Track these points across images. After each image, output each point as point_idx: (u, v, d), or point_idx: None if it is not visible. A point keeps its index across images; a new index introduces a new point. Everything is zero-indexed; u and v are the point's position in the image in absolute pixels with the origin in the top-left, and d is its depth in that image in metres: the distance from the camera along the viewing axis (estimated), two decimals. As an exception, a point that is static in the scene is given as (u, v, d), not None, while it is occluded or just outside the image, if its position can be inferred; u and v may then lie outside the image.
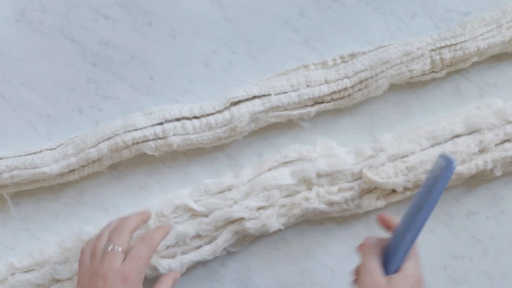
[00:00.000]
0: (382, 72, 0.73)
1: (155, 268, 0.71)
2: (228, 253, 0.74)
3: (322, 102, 0.74)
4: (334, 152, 0.74)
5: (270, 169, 0.73)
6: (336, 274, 0.74)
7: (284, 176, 0.72)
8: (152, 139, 0.72)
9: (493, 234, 0.75)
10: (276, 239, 0.75)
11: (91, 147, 0.72)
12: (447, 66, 0.75)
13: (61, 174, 0.73)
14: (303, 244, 0.75)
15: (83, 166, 0.74)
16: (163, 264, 0.71)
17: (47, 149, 0.73)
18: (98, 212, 0.75)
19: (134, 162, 0.75)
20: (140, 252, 0.63)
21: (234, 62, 0.77)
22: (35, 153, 0.73)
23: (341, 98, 0.74)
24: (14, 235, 0.75)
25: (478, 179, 0.75)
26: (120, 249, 0.63)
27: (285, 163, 0.73)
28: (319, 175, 0.72)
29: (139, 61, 0.77)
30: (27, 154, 0.73)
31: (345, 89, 0.74)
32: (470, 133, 0.73)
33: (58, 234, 0.75)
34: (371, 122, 0.77)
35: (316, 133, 0.76)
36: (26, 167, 0.72)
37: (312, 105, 0.74)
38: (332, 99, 0.74)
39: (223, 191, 0.73)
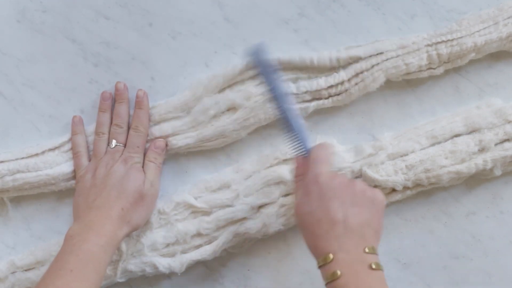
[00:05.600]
0: (377, 64, 0.73)
1: (155, 267, 0.71)
2: (228, 253, 0.74)
3: (320, 99, 0.74)
4: (334, 149, 0.74)
5: (270, 166, 0.73)
6: (336, 274, 0.74)
7: (284, 172, 0.72)
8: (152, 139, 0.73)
9: (493, 234, 0.75)
10: (276, 239, 0.75)
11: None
12: (445, 62, 0.74)
13: (65, 179, 0.73)
14: (303, 244, 0.74)
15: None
16: (163, 263, 0.71)
17: (49, 149, 0.73)
18: (98, 211, 0.75)
19: (134, 161, 0.75)
20: (134, 142, 0.71)
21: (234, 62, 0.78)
22: (37, 154, 0.73)
23: (339, 94, 0.74)
24: (15, 234, 0.75)
25: (478, 179, 0.75)
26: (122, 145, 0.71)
27: (285, 160, 0.73)
28: (318, 174, 0.72)
29: (140, 61, 0.77)
30: (29, 157, 0.73)
31: (342, 83, 0.73)
32: (470, 133, 0.73)
33: (59, 233, 0.74)
34: (371, 122, 0.77)
35: (316, 133, 0.76)
36: (28, 170, 0.72)
37: (310, 101, 0.74)
38: (330, 95, 0.74)
39: (223, 187, 0.73)
